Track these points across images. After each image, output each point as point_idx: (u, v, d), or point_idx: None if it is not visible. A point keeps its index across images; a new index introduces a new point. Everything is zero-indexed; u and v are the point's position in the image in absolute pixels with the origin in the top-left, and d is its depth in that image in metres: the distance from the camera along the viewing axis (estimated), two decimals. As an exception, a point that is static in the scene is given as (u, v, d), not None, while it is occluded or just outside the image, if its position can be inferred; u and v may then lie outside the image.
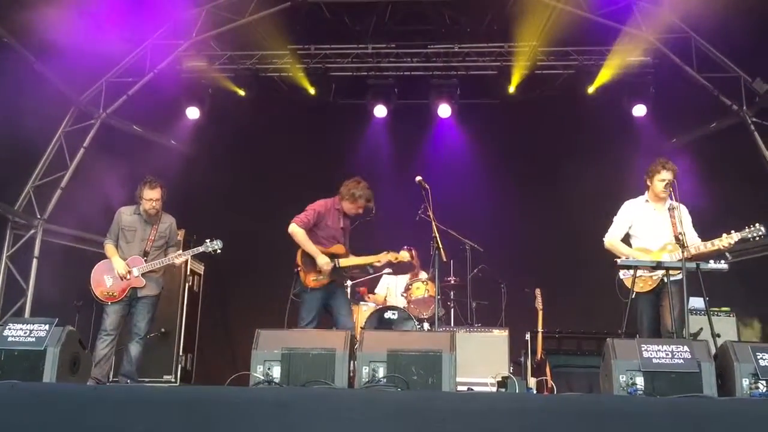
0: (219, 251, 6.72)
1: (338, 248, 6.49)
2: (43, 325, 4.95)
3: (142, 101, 9.73)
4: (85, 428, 3.74)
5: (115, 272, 6.48)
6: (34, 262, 9.18)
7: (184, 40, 9.74)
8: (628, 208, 6.26)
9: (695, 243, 5.81)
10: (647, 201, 6.17)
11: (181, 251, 6.79)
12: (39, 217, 9.27)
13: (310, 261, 6.38)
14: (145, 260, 6.55)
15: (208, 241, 6.71)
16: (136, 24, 9.26)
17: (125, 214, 6.73)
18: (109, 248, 6.64)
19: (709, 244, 5.74)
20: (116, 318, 6.44)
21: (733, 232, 5.72)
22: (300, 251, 6.42)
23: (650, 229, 6.09)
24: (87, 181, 9.24)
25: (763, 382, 4.44)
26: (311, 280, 6.35)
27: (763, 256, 8.24)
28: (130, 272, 6.49)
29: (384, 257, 6.60)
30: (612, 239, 6.20)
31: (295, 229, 6.42)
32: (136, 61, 9.77)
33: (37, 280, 9.08)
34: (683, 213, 5.97)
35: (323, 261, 6.34)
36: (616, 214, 6.29)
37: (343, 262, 6.47)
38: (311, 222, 6.45)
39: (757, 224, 5.70)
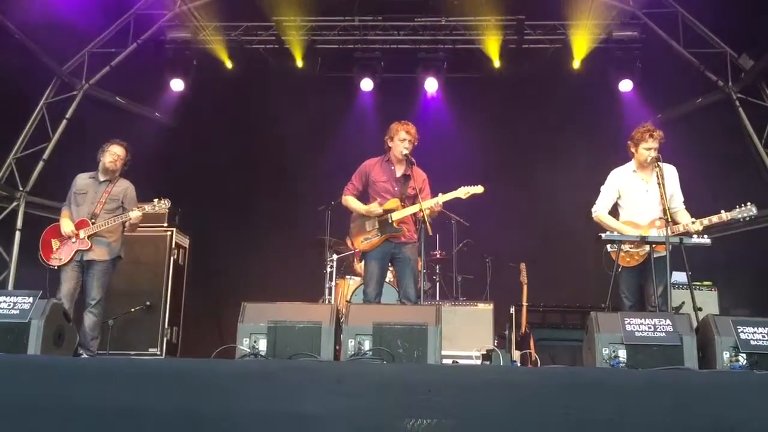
0: (165, 209, 6.91)
1: (392, 203, 6.12)
2: (27, 297, 4.89)
3: (125, 73, 9.62)
4: (71, 401, 3.73)
5: (63, 235, 6.41)
6: (17, 234, 9.11)
7: (167, 11, 9.60)
8: (614, 177, 6.10)
9: (685, 221, 5.73)
10: (635, 171, 6.01)
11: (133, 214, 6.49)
12: (21, 189, 9.18)
13: (357, 224, 6.21)
14: (93, 222, 6.42)
15: (156, 200, 6.57)
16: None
17: (80, 179, 6.65)
18: (62, 212, 6.59)
19: (698, 224, 5.65)
20: (68, 286, 6.31)
21: (723, 211, 5.64)
22: (351, 217, 6.30)
23: (638, 203, 5.95)
24: (69, 152, 9.14)
25: (743, 355, 4.48)
26: (360, 242, 6.17)
27: (746, 231, 8.29)
28: (76, 234, 6.38)
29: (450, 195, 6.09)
30: (600, 212, 6.05)
31: (344, 198, 6.32)
32: (119, 32, 9.62)
33: (20, 253, 9.02)
34: (671, 176, 5.90)
35: (374, 207, 6.11)
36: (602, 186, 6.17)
37: (397, 214, 6.08)
38: (357, 185, 6.31)
39: (748, 204, 5.62)
